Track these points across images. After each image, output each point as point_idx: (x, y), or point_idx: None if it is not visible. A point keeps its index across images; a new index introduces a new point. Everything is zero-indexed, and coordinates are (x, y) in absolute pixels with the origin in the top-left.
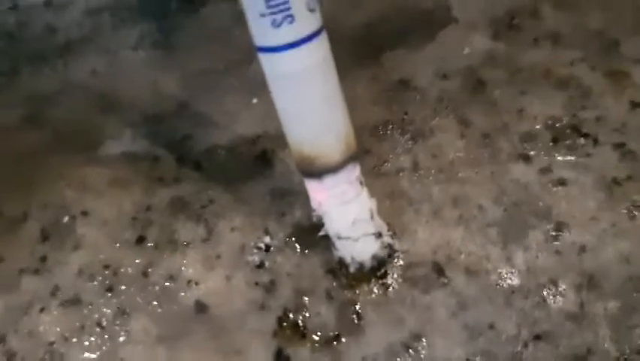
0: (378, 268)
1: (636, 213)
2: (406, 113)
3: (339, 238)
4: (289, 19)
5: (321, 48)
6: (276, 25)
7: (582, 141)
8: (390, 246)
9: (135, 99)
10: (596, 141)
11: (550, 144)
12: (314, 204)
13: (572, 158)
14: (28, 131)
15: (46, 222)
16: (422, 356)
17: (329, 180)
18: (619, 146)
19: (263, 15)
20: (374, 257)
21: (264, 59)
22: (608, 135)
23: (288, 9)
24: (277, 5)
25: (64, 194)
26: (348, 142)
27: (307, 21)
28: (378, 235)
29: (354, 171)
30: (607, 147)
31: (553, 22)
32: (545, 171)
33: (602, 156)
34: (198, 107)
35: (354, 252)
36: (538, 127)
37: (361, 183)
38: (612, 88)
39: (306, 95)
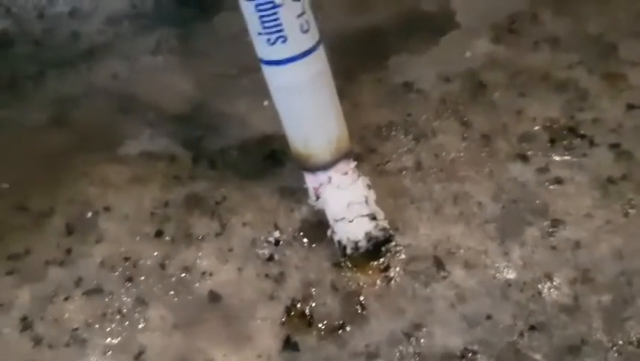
0: (372, 254)
1: (630, 210)
2: (409, 115)
3: (336, 220)
4: (282, 39)
5: (314, 64)
6: (271, 43)
7: (579, 141)
8: (385, 229)
9: (153, 102)
10: (592, 142)
11: (548, 144)
12: (311, 193)
13: (569, 158)
14: (54, 132)
15: (70, 217)
16: (422, 343)
17: (321, 174)
18: (614, 146)
19: (260, 33)
20: (368, 236)
21: (264, 69)
22: (604, 136)
23: (281, 31)
24: (271, 27)
25: (88, 191)
26: (339, 145)
27: (300, 41)
28: (373, 217)
29: (347, 166)
30: (603, 147)
31: (552, 26)
32: (542, 170)
33: (597, 156)
34: (212, 109)
35: (349, 232)
36: (536, 128)
37: (358, 175)
38: (609, 90)
39: (299, 104)
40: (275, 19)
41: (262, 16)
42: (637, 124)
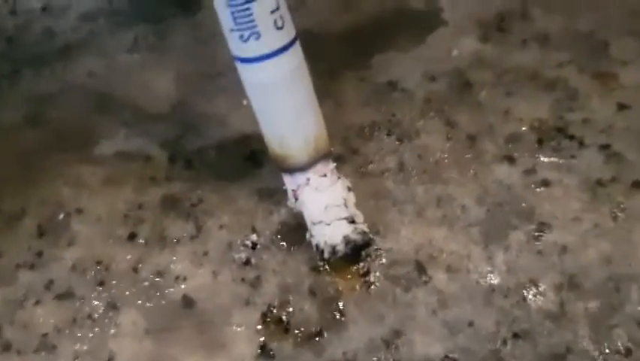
0: (351, 258)
1: (619, 214)
2: (393, 115)
3: (314, 223)
4: (255, 35)
5: (289, 61)
6: (244, 40)
7: (567, 142)
8: (364, 233)
9: (130, 100)
10: (581, 143)
11: (536, 145)
12: (290, 195)
13: (557, 159)
14: (29, 131)
15: (42, 218)
16: (401, 351)
17: (299, 176)
18: (604, 147)
19: (232, 30)
20: (346, 239)
21: (238, 66)
22: (594, 137)
23: (254, 27)
24: (244, 23)
25: (61, 192)
26: (317, 146)
27: (274, 37)
28: (351, 221)
29: (325, 168)
30: (592, 148)
31: (542, 24)
32: (529, 172)
33: (587, 157)
34: (190, 109)
35: (327, 235)
36: (523, 129)
37: (337, 176)
38: (600, 90)
39: (275, 103)
40: (248, 15)
41: (234, 12)
42: (628, 125)
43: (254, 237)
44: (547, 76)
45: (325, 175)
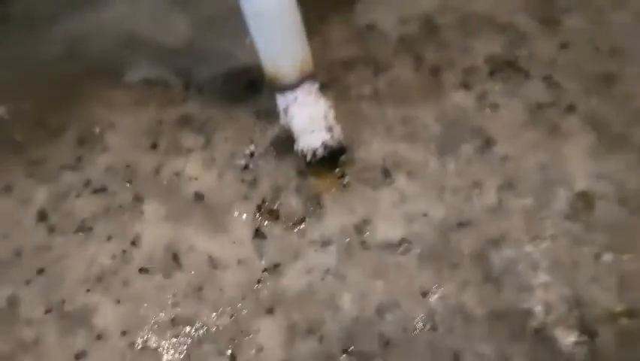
0: (330, 162)
1: (555, 131)
2: (370, 52)
3: (300, 133)
4: None
5: None
6: None
7: (515, 73)
8: (339, 141)
9: (152, 38)
10: (527, 74)
11: (488, 76)
12: (282, 114)
13: (506, 87)
14: (68, 63)
15: (81, 131)
16: (367, 235)
17: (289, 95)
18: (546, 78)
19: None
20: (324, 145)
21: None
22: (539, 70)
23: None
24: None
25: (96, 111)
26: (302, 67)
27: None
28: (329, 129)
29: (311, 87)
30: (536, 79)
31: None
32: (481, 97)
33: (531, 86)
34: (203, 45)
35: (309, 141)
36: (479, 62)
37: (320, 95)
38: (546, 32)
39: (268, 29)
40: None
41: None
42: (568, 60)
43: (252, 147)
44: (501, 20)
45: (311, 93)
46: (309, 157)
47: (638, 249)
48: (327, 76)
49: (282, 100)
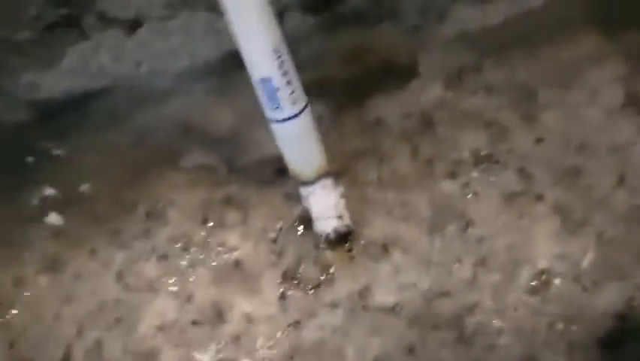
0: (340, 240)
1: (525, 217)
2: (376, 143)
3: (316, 219)
4: (279, 108)
5: (300, 122)
6: (272, 109)
7: (494, 165)
8: (348, 226)
9: (204, 128)
10: (505, 166)
11: (472, 167)
12: (304, 199)
13: (485, 177)
14: (137, 150)
15: (148, 207)
16: (368, 300)
17: (308, 187)
18: (520, 170)
19: (265, 104)
20: (334, 230)
21: (269, 123)
22: (515, 162)
23: (279, 104)
24: (273, 102)
25: (160, 190)
26: (318, 171)
27: (290, 108)
28: (339, 217)
29: (326, 182)
30: (511, 170)
31: (491, 75)
32: (465, 185)
33: (506, 176)
34: (242, 135)
35: (323, 226)
36: (465, 155)
37: (333, 187)
38: (524, 128)
39: (290, 144)
40: (275, 97)
41: (265, 95)
42: (541, 154)
43: (280, 223)
44: (488, 117)
45: (325, 187)
46: (323, 239)
47: (586, 320)
48: (341, 165)
49: (303, 190)
